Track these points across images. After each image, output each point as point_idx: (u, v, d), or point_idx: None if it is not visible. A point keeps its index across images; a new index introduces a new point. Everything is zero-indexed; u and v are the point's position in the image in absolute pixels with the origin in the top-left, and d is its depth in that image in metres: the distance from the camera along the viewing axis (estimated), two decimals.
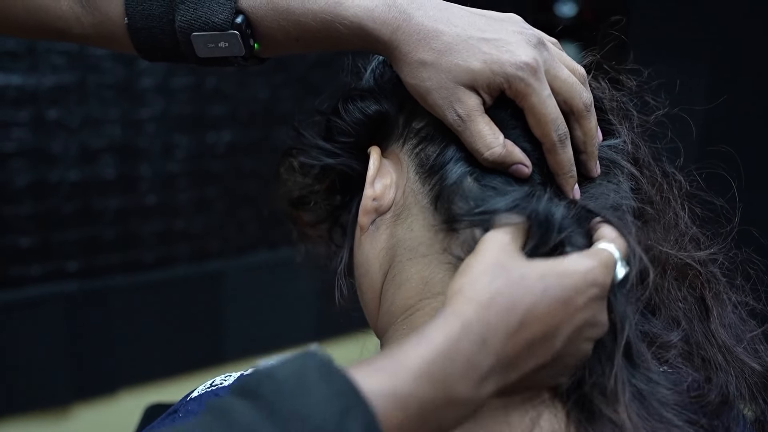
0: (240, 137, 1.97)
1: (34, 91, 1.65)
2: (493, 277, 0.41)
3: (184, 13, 0.51)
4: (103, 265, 1.84)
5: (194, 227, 1.96)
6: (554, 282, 0.42)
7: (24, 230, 1.70)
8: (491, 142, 0.48)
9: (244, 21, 0.50)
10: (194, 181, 1.93)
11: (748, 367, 0.52)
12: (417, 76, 0.48)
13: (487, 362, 0.39)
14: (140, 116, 1.80)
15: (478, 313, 0.39)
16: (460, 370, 0.38)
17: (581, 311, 0.43)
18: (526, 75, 0.46)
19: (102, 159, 1.77)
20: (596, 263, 0.44)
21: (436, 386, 0.37)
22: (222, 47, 0.52)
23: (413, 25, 0.47)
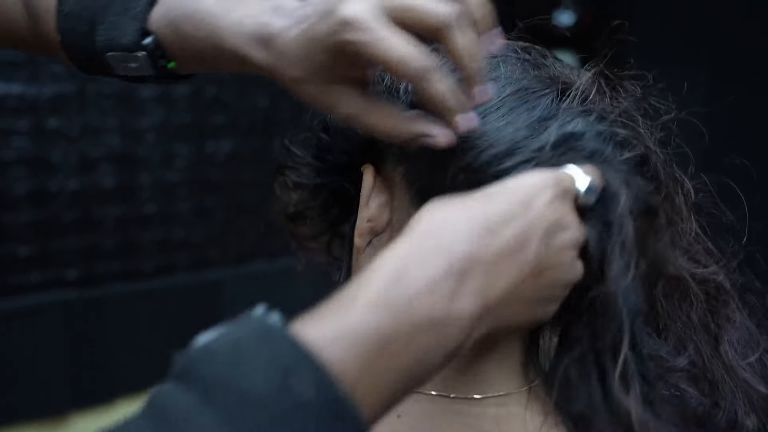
0: (239, 146, 1.97)
1: (35, 100, 1.65)
2: (444, 205, 0.37)
3: (101, 34, 0.52)
4: (103, 273, 1.84)
5: (194, 236, 1.96)
6: (502, 191, 0.38)
7: (23, 238, 1.70)
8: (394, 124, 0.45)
9: (152, 42, 0.50)
10: (194, 190, 1.92)
11: (755, 390, 0.50)
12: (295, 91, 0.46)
13: (455, 265, 0.34)
14: (140, 125, 1.80)
15: (436, 221, 0.35)
16: (420, 282, 0.32)
17: (547, 208, 0.38)
18: (350, 34, 0.40)
19: (101, 168, 1.77)
20: (546, 174, 0.41)
21: (394, 310, 0.31)
22: (132, 67, 0.52)
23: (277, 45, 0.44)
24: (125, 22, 0.50)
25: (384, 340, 0.31)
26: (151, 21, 0.50)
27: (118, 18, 0.51)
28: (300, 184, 0.59)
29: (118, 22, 0.51)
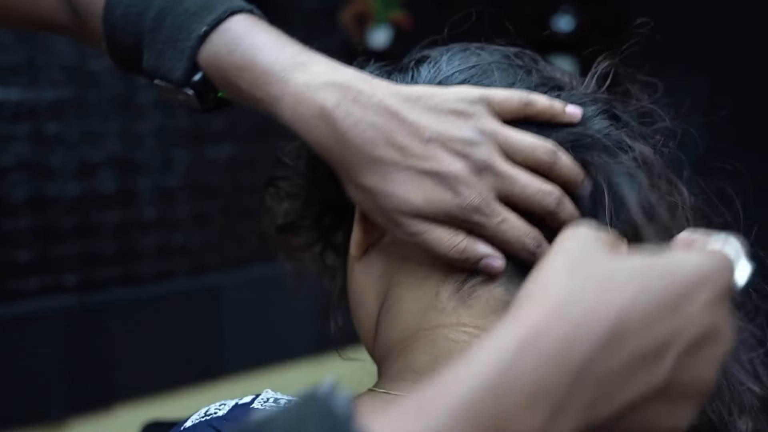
0: (239, 151, 1.97)
1: (34, 106, 1.65)
2: (570, 276, 0.31)
3: (147, 60, 0.50)
4: (102, 278, 1.83)
5: (193, 241, 1.96)
6: (655, 281, 0.31)
7: (22, 244, 1.70)
8: (451, 241, 0.45)
9: (201, 79, 0.49)
10: (193, 195, 1.92)
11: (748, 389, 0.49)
12: (359, 197, 0.46)
13: (561, 383, 0.28)
14: (139, 130, 1.81)
15: (549, 321, 0.29)
16: (522, 398, 0.27)
17: (696, 319, 0.31)
18: (472, 215, 0.44)
19: (101, 173, 1.77)
20: (708, 258, 0.34)
21: (485, 423, 0.27)
22: (181, 99, 0.51)
23: (347, 148, 0.44)
24: (173, 55, 0.49)
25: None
26: (200, 57, 0.49)
27: (165, 47, 0.49)
28: (293, 194, 0.59)
29: (165, 51, 0.49)
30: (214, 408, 0.46)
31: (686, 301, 0.31)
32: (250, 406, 0.46)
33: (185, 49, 0.48)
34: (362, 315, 0.53)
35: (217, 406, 0.46)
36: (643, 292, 0.30)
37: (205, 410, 0.46)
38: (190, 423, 0.45)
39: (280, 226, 0.63)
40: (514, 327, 0.29)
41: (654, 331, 0.30)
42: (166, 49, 0.49)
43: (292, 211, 0.61)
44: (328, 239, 0.63)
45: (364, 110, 0.44)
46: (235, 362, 2.07)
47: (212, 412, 0.46)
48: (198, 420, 0.45)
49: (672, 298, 0.31)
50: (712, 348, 0.32)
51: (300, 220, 0.62)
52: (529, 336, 0.28)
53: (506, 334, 0.29)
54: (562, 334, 0.28)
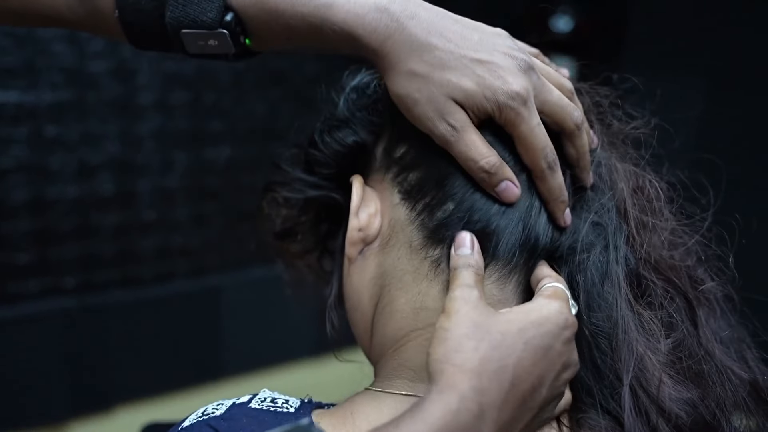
0: (238, 153, 1.97)
1: (33, 108, 1.65)
2: (476, 342, 0.40)
3: (173, 10, 0.50)
4: (101, 280, 1.83)
5: (192, 243, 1.96)
6: (533, 333, 0.42)
7: (22, 246, 1.70)
8: (486, 151, 0.47)
9: (233, 19, 0.49)
10: (192, 196, 1.93)
11: (737, 376, 0.51)
12: (406, 87, 0.47)
13: (487, 431, 0.38)
14: (138, 132, 1.81)
15: (472, 382, 0.38)
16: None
17: (560, 356, 0.43)
18: (517, 104, 0.46)
19: (100, 175, 1.77)
20: (562, 304, 0.44)
21: None
22: (212, 45, 0.51)
23: (405, 35, 0.46)
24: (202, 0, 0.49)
25: None
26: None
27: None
28: (290, 200, 0.60)
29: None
30: (211, 407, 0.47)
31: (554, 343, 0.42)
32: (247, 405, 0.46)
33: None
34: (358, 316, 0.54)
35: (215, 405, 0.47)
36: (527, 345, 0.41)
37: (202, 410, 0.47)
38: (188, 422, 0.46)
39: (278, 232, 0.64)
40: (448, 390, 0.38)
41: (535, 372, 0.41)
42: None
43: (289, 218, 0.62)
44: (325, 245, 0.64)
45: (418, 7, 0.47)
46: (235, 363, 2.07)
47: (210, 411, 0.46)
48: (196, 419, 0.46)
49: (545, 343, 0.42)
50: (567, 373, 0.44)
51: (297, 226, 0.62)
52: (460, 398, 0.37)
53: (444, 395, 0.38)
54: (481, 398, 0.38)
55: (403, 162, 0.52)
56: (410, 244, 0.50)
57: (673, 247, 0.54)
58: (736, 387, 0.50)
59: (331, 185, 0.58)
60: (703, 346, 0.51)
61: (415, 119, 0.48)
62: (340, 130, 0.55)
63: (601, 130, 0.57)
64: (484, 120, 0.48)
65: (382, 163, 0.53)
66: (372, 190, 0.53)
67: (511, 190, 0.48)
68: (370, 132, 0.55)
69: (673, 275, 0.52)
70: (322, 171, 0.57)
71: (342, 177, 0.56)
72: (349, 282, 0.54)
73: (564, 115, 0.49)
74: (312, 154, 0.57)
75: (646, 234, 0.52)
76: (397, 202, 0.51)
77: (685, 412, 0.46)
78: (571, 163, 0.51)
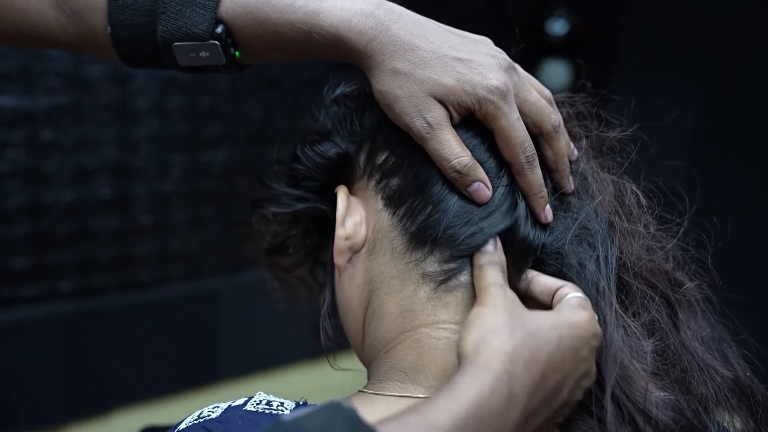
0: (235, 157, 1.97)
1: (29, 112, 1.65)
2: (513, 329, 0.41)
3: (166, 24, 0.51)
4: (98, 285, 1.84)
5: (190, 246, 1.96)
6: (566, 332, 0.43)
7: (18, 251, 1.70)
8: (459, 152, 0.48)
9: (224, 31, 0.51)
10: (189, 200, 1.93)
11: (720, 374, 0.52)
12: (388, 84, 0.48)
13: (514, 418, 0.39)
14: (135, 136, 1.81)
15: (506, 366, 0.39)
16: (491, 427, 0.38)
17: (584, 362, 0.44)
18: (497, 98, 0.47)
19: (97, 179, 1.77)
20: (592, 315, 0.45)
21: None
22: (203, 56, 0.52)
23: (390, 36, 0.48)
24: (193, 12, 0.51)
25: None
26: (222, 10, 0.51)
27: (183, 8, 0.51)
28: (279, 215, 0.61)
29: (183, 11, 0.51)
30: (207, 410, 0.47)
31: (582, 348, 0.43)
32: (243, 408, 0.47)
33: (207, 4, 0.51)
34: (350, 322, 0.56)
35: (211, 408, 0.48)
36: (559, 342, 0.42)
37: (198, 413, 0.47)
38: (184, 425, 0.46)
39: (270, 248, 0.66)
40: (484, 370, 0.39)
41: (562, 371, 0.42)
42: (185, 9, 0.51)
43: (280, 232, 0.64)
44: (316, 257, 0.65)
45: (402, 13, 0.50)
46: (232, 367, 2.07)
47: (206, 414, 0.47)
48: (192, 422, 0.46)
49: (575, 345, 0.43)
50: (586, 381, 0.45)
51: (288, 239, 0.64)
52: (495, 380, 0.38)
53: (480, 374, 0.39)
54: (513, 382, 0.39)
55: (385, 168, 0.53)
56: (394, 249, 0.51)
57: (653, 251, 0.55)
58: (719, 385, 0.52)
59: (317, 197, 0.59)
60: (685, 346, 0.52)
61: (396, 116, 0.49)
62: (321, 144, 0.57)
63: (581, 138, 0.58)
64: (466, 117, 0.49)
65: (365, 171, 0.55)
66: (356, 198, 0.55)
67: (482, 191, 0.49)
68: (351, 142, 0.56)
69: (654, 279, 0.53)
70: (307, 184, 0.58)
71: (327, 188, 0.57)
72: (341, 290, 0.56)
73: (542, 116, 0.50)
74: (296, 168, 0.58)
75: (628, 240, 0.54)
76: (380, 208, 0.53)
77: (672, 418, 0.47)
78: (550, 167, 0.52)
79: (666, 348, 0.52)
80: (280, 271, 0.70)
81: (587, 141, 0.58)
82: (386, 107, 0.50)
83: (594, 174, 0.55)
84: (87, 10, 0.54)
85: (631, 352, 0.49)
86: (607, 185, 0.55)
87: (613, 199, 0.55)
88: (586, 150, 0.57)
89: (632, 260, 0.53)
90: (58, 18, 0.55)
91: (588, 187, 0.54)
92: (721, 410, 0.51)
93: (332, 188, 0.56)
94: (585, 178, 0.55)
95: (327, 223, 0.60)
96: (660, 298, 0.53)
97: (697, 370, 0.51)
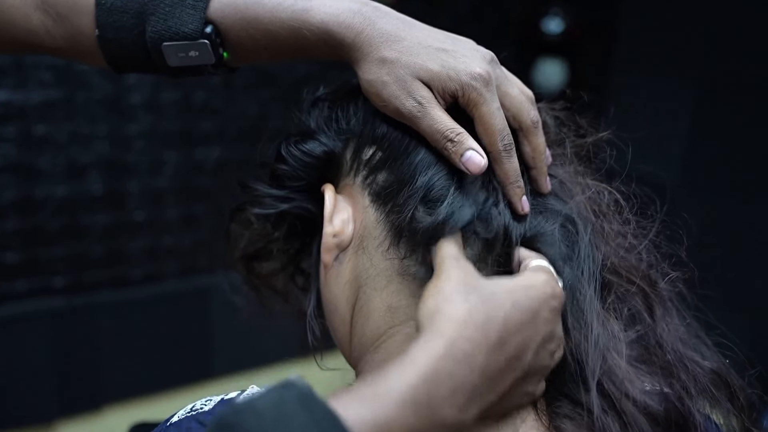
0: (228, 153, 1.97)
1: (22, 107, 1.64)
2: (466, 295, 0.41)
3: (155, 25, 0.52)
4: (91, 281, 1.83)
5: (182, 243, 1.95)
6: (521, 294, 0.43)
7: (10, 246, 1.70)
8: (451, 124, 0.49)
9: (213, 30, 0.52)
10: (182, 197, 1.92)
11: (700, 367, 0.53)
12: (376, 72, 0.50)
13: (471, 381, 0.38)
14: (128, 132, 1.80)
15: (460, 331, 0.39)
16: (446, 392, 0.37)
17: (546, 323, 0.44)
18: (479, 85, 0.49)
19: (89, 174, 1.77)
20: (550, 276, 0.46)
21: (421, 412, 0.36)
22: (192, 56, 0.53)
23: (377, 29, 0.50)
24: (183, 12, 0.52)
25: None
26: (211, 10, 0.52)
27: (172, 9, 0.52)
28: (263, 216, 0.61)
29: (173, 12, 0.52)
30: (200, 403, 0.48)
31: (541, 308, 0.43)
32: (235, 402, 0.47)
33: (196, 5, 0.52)
34: (337, 320, 0.56)
35: (203, 401, 0.48)
36: (514, 305, 0.42)
37: (191, 406, 0.48)
38: (177, 418, 0.47)
39: (252, 253, 0.66)
40: (436, 336, 0.39)
41: (522, 333, 0.42)
42: (174, 9, 0.52)
43: (262, 236, 0.64)
44: (297, 264, 0.66)
45: (388, 11, 0.52)
46: (225, 363, 2.07)
47: (198, 407, 0.48)
48: (184, 415, 0.47)
49: (533, 306, 0.43)
50: (552, 343, 0.45)
51: (271, 243, 0.64)
52: (448, 345, 0.38)
53: (431, 341, 0.39)
54: (467, 345, 0.39)
55: (371, 164, 0.53)
56: (380, 244, 0.52)
57: (631, 250, 0.56)
58: (699, 376, 0.52)
59: (302, 196, 0.59)
60: (665, 339, 0.53)
61: (384, 101, 0.50)
62: (307, 143, 0.57)
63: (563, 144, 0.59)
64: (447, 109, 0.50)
65: (351, 168, 0.55)
66: (343, 196, 0.55)
67: (475, 159, 0.49)
68: (337, 139, 0.56)
69: (632, 276, 0.54)
70: (292, 184, 0.58)
71: (313, 187, 0.58)
72: (327, 289, 0.56)
73: (522, 110, 0.51)
74: (281, 168, 0.58)
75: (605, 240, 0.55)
76: (367, 204, 0.53)
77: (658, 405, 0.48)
78: (527, 163, 0.53)
79: (647, 340, 0.52)
80: (258, 280, 0.71)
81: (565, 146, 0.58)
82: (374, 95, 0.51)
83: (571, 177, 0.56)
84: (74, 13, 0.54)
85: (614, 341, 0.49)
86: (584, 188, 0.56)
87: (589, 201, 0.55)
88: (563, 155, 0.58)
89: (611, 259, 0.54)
90: (44, 21, 0.56)
91: (565, 189, 0.55)
92: (702, 401, 0.52)
93: (318, 187, 0.57)
94: (562, 182, 0.56)
95: (311, 223, 0.60)
96: (639, 294, 0.54)
97: (678, 361, 0.52)
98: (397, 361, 0.38)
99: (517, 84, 0.53)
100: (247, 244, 0.67)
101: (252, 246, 0.67)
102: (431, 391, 0.37)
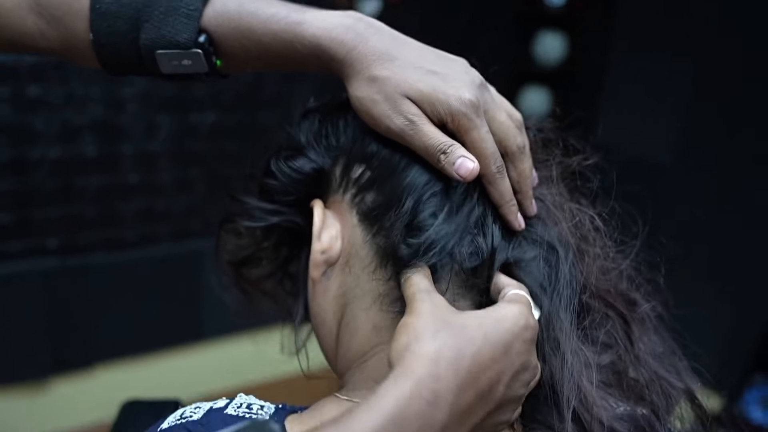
0: (223, 119, 1.97)
1: (15, 67, 1.64)
2: (435, 330, 0.41)
3: (149, 32, 0.52)
4: (84, 242, 1.84)
5: (175, 207, 1.96)
6: (492, 328, 0.42)
7: (4, 207, 1.70)
8: (444, 138, 0.49)
9: (206, 40, 0.52)
10: (176, 161, 1.93)
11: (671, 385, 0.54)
12: (367, 90, 0.50)
13: (440, 419, 0.38)
14: (123, 95, 1.80)
15: (428, 368, 0.39)
16: (415, 430, 0.38)
17: (519, 355, 0.44)
18: (469, 111, 0.49)
19: (83, 137, 1.77)
20: (523, 307, 0.46)
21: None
22: (185, 65, 0.53)
23: (369, 46, 0.50)
24: (177, 21, 0.52)
25: None
26: (205, 19, 0.52)
27: (166, 16, 0.52)
28: (252, 228, 0.62)
29: (167, 20, 0.52)
30: (189, 410, 0.48)
31: (513, 341, 0.43)
32: (224, 411, 0.48)
33: (190, 13, 0.52)
34: (324, 332, 0.57)
35: (192, 408, 0.49)
36: (485, 339, 0.42)
37: (180, 412, 0.48)
38: (167, 425, 0.47)
39: (241, 260, 0.67)
40: (403, 377, 0.39)
41: (494, 367, 0.42)
42: (168, 17, 0.52)
43: (251, 244, 0.65)
44: (286, 269, 0.66)
45: (381, 27, 0.52)
46: (215, 326, 2.09)
47: (188, 415, 0.48)
48: (174, 422, 0.47)
49: (504, 339, 0.43)
50: (525, 374, 0.45)
51: (260, 251, 0.65)
52: (415, 384, 0.38)
53: (399, 382, 0.39)
54: (435, 384, 0.39)
55: (360, 183, 0.53)
56: (367, 264, 0.52)
57: (607, 272, 0.57)
58: (672, 396, 0.54)
59: (291, 210, 0.60)
60: (640, 360, 0.54)
61: (374, 119, 0.50)
62: (296, 159, 0.57)
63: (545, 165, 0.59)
64: None
65: (340, 185, 0.55)
66: (332, 212, 0.55)
67: (466, 163, 0.49)
68: (327, 156, 0.56)
69: (610, 298, 0.55)
70: (282, 199, 0.59)
71: (301, 202, 0.58)
72: (315, 303, 0.56)
73: (509, 135, 0.52)
74: (270, 184, 0.59)
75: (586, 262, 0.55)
76: (355, 223, 0.53)
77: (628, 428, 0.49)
78: (513, 188, 0.53)
79: (621, 362, 0.53)
80: (248, 284, 0.72)
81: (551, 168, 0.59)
82: (364, 113, 0.51)
83: (555, 201, 0.57)
84: (68, 16, 0.55)
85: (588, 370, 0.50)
86: (567, 211, 0.57)
87: (572, 225, 0.56)
88: (549, 177, 0.59)
89: (590, 281, 0.54)
90: (37, 23, 0.56)
91: (550, 213, 0.56)
92: (672, 419, 0.54)
93: (307, 202, 0.57)
94: (547, 207, 0.56)
95: (300, 235, 0.61)
96: (616, 316, 0.55)
97: (651, 382, 0.53)
98: (366, 402, 0.38)
99: (505, 108, 0.53)
100: (236, 251, 0.67)
101: (241, 253, 0.67)
102: (400, 429, 0.37)
